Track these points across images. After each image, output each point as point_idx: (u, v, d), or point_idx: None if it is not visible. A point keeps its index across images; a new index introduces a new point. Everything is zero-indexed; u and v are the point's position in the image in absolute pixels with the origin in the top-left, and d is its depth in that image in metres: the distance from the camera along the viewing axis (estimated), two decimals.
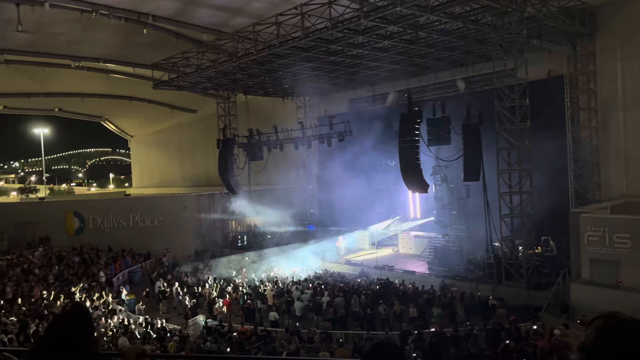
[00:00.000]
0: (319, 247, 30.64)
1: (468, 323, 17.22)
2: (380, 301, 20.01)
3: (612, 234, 18.57)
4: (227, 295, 22.95)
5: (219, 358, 9.20)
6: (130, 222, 34.83)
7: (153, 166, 57.05)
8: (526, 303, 19.57)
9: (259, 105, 41.37)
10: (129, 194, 51.08)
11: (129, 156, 69.97)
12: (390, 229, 31.87)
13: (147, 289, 26.01)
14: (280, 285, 24.12)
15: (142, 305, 23.49)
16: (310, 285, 23.26)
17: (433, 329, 16.34)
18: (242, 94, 36.89)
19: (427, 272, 25.01)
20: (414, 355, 13.60)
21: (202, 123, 46.29)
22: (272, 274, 26.85)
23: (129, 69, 36.97)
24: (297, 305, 20.79)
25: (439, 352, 14.75)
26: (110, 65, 36.66)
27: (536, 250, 22.80)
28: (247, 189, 34.75)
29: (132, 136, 60.71)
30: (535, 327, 16.21)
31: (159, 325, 19.45)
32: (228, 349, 15.27)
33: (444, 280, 23.00)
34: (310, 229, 34.72)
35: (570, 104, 24.80)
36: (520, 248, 21.93)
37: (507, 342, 14.06)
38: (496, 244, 22.46)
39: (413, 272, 25.12)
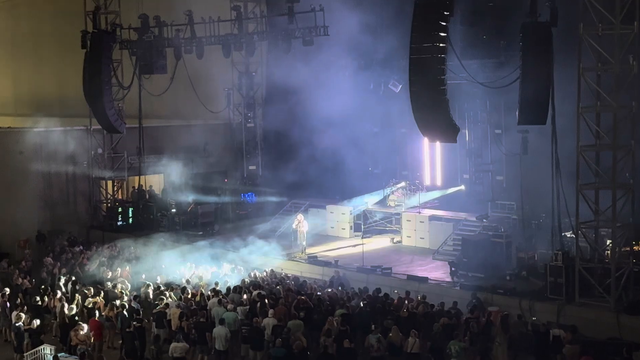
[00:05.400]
0: (263, 230, 30.38)
1: None
2: (374, 326, 18.75)
3: None
4: (96, 313, 21.70)
5: None
6: None
7: None
8: (613, 336, 18.82)
9: None
10: None
11: None
12: (389, 203, 30.52)
13: None
14: (191, 295, 22.85)
15: None
16: (245, 296, 21.99)
17: None
18: None
19: (449, 279, 24.47)
20: None
21: (53, 3, 43.04)
22: (177, 277, 25.71)
23: None
24: (219, 331, 19.49)
25: None
26: None
27: (636, 248, 21.92)
28: (136, 124, 32.27)
29: None
30: None
31: None
32: None
33: (476, 293, 22.08)
34: (248, 199, 34.47)
35: None
36: (608, 242, 21.19)
37: None
38: (568, 234, 21.98)
39: (425, 279, 24.25)
